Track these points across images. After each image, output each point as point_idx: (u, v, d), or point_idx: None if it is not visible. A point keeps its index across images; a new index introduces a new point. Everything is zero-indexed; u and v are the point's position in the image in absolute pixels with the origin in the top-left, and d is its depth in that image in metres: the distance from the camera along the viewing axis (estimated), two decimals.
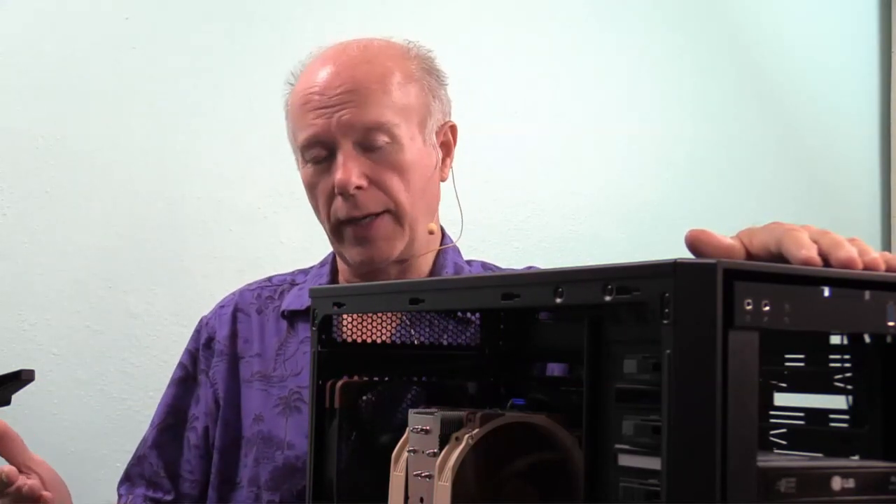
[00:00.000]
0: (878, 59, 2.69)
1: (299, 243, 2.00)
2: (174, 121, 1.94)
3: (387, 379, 0.96)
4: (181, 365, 1.46)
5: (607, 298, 0.66)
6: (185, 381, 1.45)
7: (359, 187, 1.30)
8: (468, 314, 1.02)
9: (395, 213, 1.32)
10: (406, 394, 0.97)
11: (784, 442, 0.85)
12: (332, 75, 1.32)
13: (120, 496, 1.46)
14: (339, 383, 0.93)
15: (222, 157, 1.97)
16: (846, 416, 0.81)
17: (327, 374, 0.93)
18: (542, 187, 2.27)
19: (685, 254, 0.71)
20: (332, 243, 1.38)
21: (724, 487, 0.61)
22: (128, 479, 1.46)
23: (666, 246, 2.57)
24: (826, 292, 0.66)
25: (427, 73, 1.37)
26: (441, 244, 1.42)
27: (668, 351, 0.62)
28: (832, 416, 0.82)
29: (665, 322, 0.62)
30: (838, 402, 0.81)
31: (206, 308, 1.50)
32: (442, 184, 1.41)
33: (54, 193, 1.86)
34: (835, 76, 2.64)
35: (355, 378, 0.94)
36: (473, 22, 2.21)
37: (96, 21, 1.90)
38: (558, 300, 0.70)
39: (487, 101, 2.21)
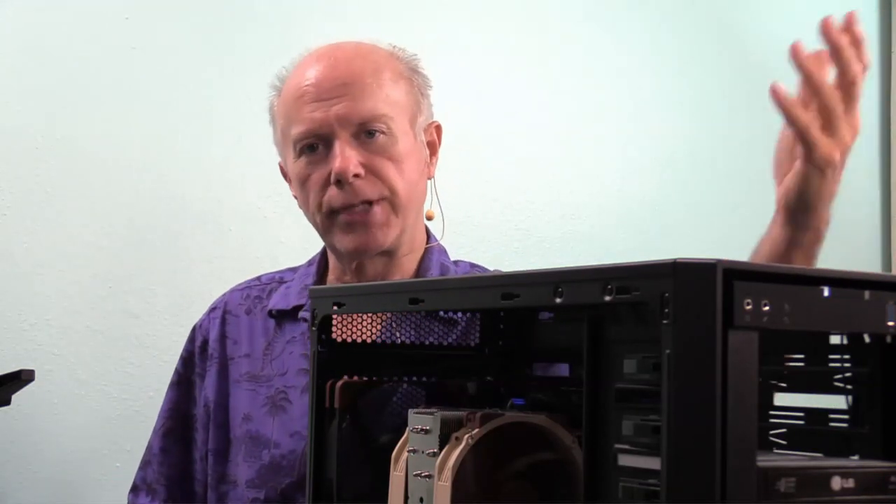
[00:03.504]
0: (878, 59, 2.69)
1: (299, 243, 2.00)
2: (174, 120, 1.94)
3: (387, 379, 0.96)
4: (175, 370, 1.47)
5: (607, 298, 0.66)
6: (181, 384, 1.46)
7: (356, 175, 1.31)
8: (455, 314, 1.03)
9: (392, 201, 1.34)
10: (406, 394, 0.97)
11: (784, 442, 0.85)
12: (327, 68, 1.34)
13: None
14: (339, 383, 0.93)
15: (222, 157, 1.97)
16: (846, 416, 0.81)
17: (327, 374, 0.93)
18: (542, 187, 2.27)
19: (685, 254, 0.71)
20: (322, 235, 1.39)
21: (724, 487, 0.61)
22: (134, 488, 1.47)
23: (666, 246, 2.58)
24: (826, 292, 0.66)
25: (415, 73, 1.40)
26: (427, 244, 1.43)
27: (668, 351, 0.62)
28: (832, 416, 0.82)
29: (665, 322, 0.62)
30: (838, 402, 0.81)
31: (206, 308, 1.50)
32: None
33: (54, 193, 1.86)
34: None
35: (355, 378, 0.94)
36: (473, 22, 2.21)
37: (96, 21, 1.90)
38: (558, 300, 0.70)
39: (487, 101, 2.21)
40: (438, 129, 1.44)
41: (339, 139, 1.32)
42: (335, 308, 0.92)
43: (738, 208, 2.46)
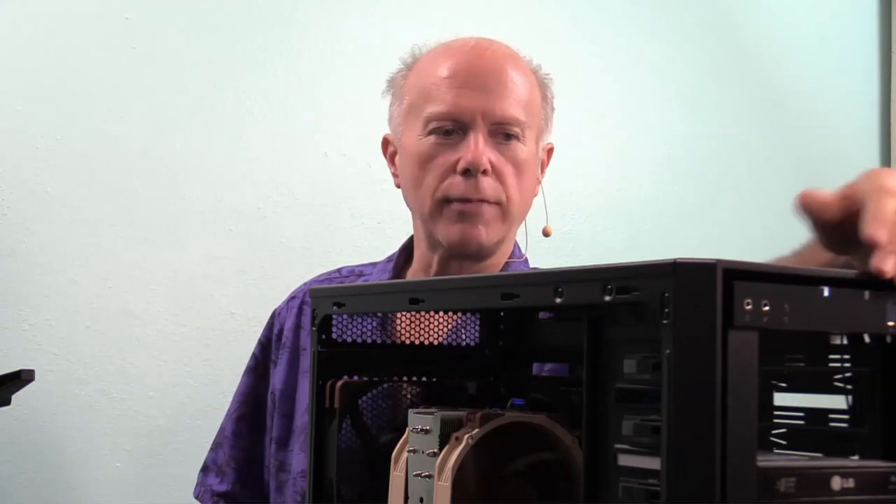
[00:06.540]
0: (878, 59, 2.69)
1: (299, 243, 2.00)
2: (174, 121, 1.94)
3: (387, 379, 0.96)
4: (253, 355, 1.49)
5: (607, 298, 0.66)
6: (257, 369, 1.48)
7: (484, 171, 1.32)
8: None
9: (505, 207, 1.35)
10: (406, 394, 0.97)
11: (784, 442, 0.85)
12: (484, 59, 1.36)
13: (197, 484, 1.50)
14: (339, 383, 0.93)
15: (222, 157, 1.97)
16: (846, 416, 0.81)
17: (327, 374, 0.93)
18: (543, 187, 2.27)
19: (685, 254, 0.71)
20: (426, 221, 1.36)
21: (724, 487, 0.61)
22: (204, 468, 1.49)
23: (666, 246, 2.57)
24: (826, 292, 0.66)
25: (548, 91, 1.43)
26: (513, 256, 1.44)
27: (667, 351, 0.62)
28: (832, 416, 0.82)
29: (665, 322, 0.62)
30: (838, 402, 0.81)
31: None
32: None
33: (54, 193, 1.86)
34: (835, 76, 2.64)
35: (355, 378, 0.94)
36: (473, 22, 2.21)
37: (96, 21, 1.90)
38: (558, 300, 0.70)
39: None
40: (551, 151, 1.47)
41: (477, 131, 1.32)
42: (335, 308, 0.92)
43: (738, 208, 2.46)
